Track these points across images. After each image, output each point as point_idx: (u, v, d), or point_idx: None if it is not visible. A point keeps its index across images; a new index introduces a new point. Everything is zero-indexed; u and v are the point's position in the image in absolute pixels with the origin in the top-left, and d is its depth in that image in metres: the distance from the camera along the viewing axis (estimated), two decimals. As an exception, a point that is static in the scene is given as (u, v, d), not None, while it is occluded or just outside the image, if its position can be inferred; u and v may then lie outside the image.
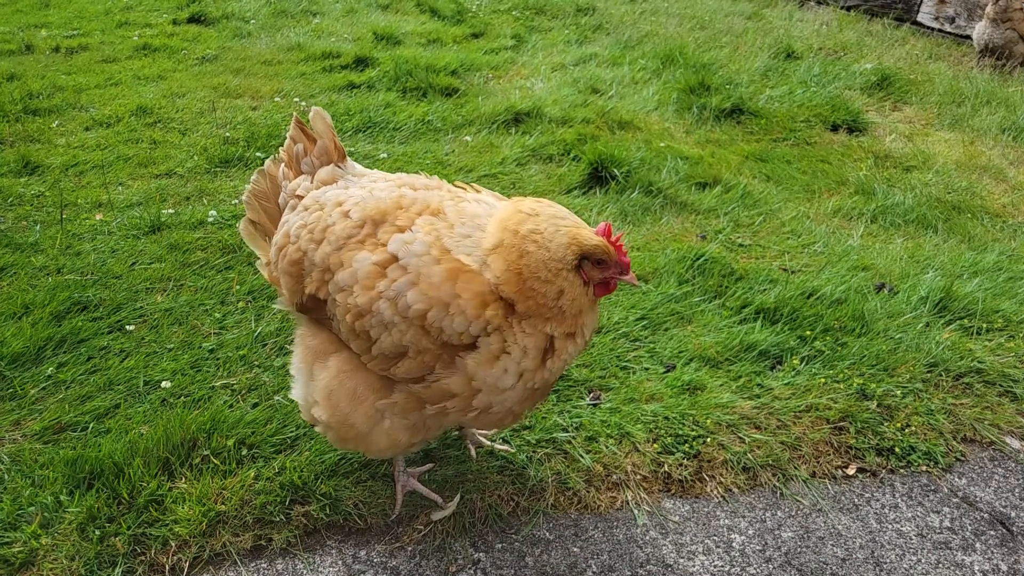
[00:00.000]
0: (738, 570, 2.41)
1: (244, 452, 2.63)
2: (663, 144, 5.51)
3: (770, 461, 2.80)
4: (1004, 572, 2.46)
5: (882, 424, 2.97)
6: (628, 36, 8.36)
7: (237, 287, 3.60)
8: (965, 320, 3.58)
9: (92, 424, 2.75)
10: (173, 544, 2.32)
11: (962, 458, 2.90)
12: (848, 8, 10.20)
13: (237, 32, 8.15)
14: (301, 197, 2.36)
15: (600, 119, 5.87)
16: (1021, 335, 3.51)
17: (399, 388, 2.16)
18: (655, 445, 2.81)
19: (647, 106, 6.34)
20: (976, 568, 2.46)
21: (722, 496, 2.68)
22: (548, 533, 2.51)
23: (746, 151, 5.62)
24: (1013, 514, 2.68)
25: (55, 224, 4.12)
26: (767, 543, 2.52)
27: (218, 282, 3.65)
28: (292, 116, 2.48)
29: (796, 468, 2.79)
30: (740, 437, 2.86)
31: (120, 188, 4.62)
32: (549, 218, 2.06)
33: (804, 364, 3.24)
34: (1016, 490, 2.78)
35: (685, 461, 2.76)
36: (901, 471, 2.83)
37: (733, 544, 2.51)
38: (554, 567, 2.39)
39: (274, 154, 2.54)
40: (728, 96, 6.32)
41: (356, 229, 2.15)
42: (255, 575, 2.30)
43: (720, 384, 3.11)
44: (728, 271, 3.85)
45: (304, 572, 2.32)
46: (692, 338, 3.37)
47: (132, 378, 2.99)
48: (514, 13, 9.46)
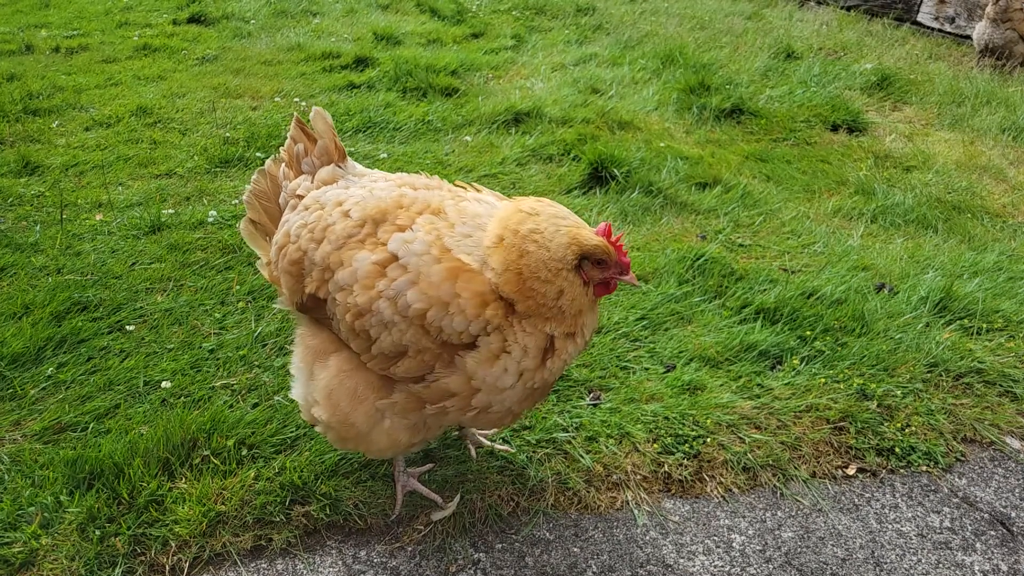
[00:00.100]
0: (738, 570, 2.41)
1: (244, 452, 2.63)
2: (663, 144, 5.51)
3: (770, 461, 2.80)
4: (1004, 572, 2.46)
5: (882, 424, 2.97)
6: (628, 36, 8.36)
7: (237, 287, 3.60)
8: (965, 320, 3.58)
9: (92, 424, 2.75)
10: (173, 544, 2.32)
11: (962, 458, 2.90)
12: (848, 8, 10.20)
13: (237, 32, 8.15)
14: (302, 197, 2.36)
15: (600, 119, 5.86)
16: (1021, 335, 3.51)
17: (399, 388, 2.16)
18: (655, 445, 2.80)
19: (647, 106, 6.34)
20: (976, 568, 2.46)
21: (722, 496, 2.68)
22: (548, 533, 2.51)
23: (746, 151, 5.62)
24: (1013, 514, 2.68)
25: (55, 224, 4.12)
26: (767, 543, 2.52)
27: (218, 282, 3.65)
28: (292, 116, 2.48)
29: (796, 468, 2.79)
30: (740, 437, 2.86)
31: (120, 188, 4.62)
32: (549, 218, 2.06)
33: (804, 364, 3.24)
34: (1016, 490, 2.78)
35: (685, 461, 2.76)
36: (901, 471, 2.83)
37: (733, 544, 2.51)
38: (554, 567, 2.39)
39: (275, 154, 2.54)
40: (728, 96, 6.32)
41: (356, 228, 2.15)
42: (255, 575, 2.31)
43: (720, 384, 3.11)
44: (728, 271, 3.85)
45: (304, 572, 2.32)
46: (692, 338, 3.37)
47: (132, 378, 2.99)
48: (514, 13, 9.46)
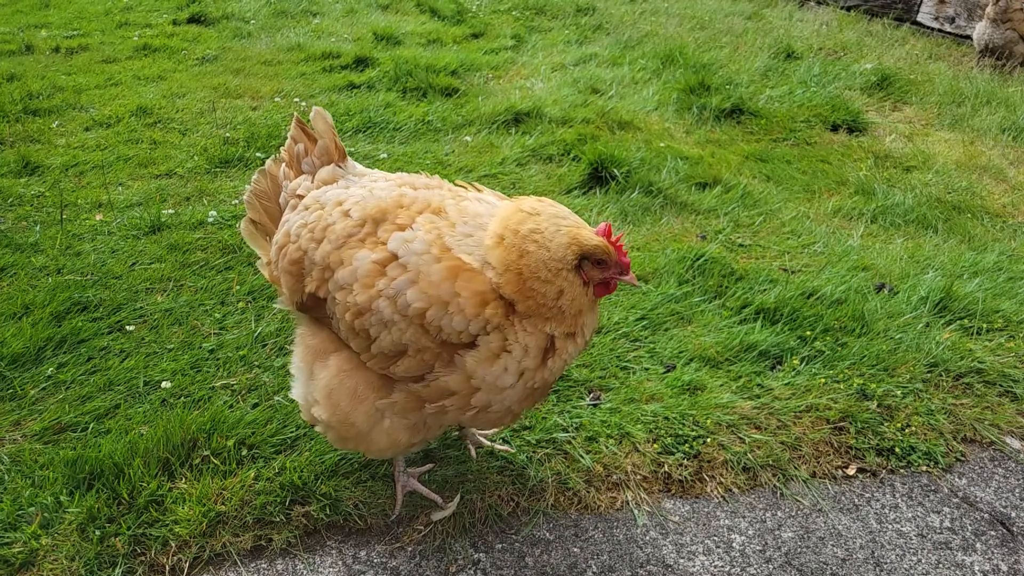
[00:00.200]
0: (738, 570, 2.41)
1: (244, 452, 2.63)
2: (663, 144, 5.51)
3: (770, 461, 2.80)
4: (1004, 572, 2.45)
5: (882, 424, 2.97)
6: (628, 36, 8.36)
7: (237, 287, 3.60)
8: (965, 320, 3.58)
9: (92, 424, 2.75)
10: (173, 544, 2.32)
11: (962, 458, 2.90)
12: (848, 8, 10.20)
13: (237, 32, 8.15)
14: (302, 196, 2.36)
15: (600, 119, 5.86)
16: (1021, 335, 3.51)
17: (399, 387, 2.16)
18: (655, 445, 2.80)
19: (647, 106, 6.33)
20: (976, 568, 2.46)
21: (722, 496, 2.68)
22: (548, 533, 2.51)
23: (746, 151, 5.62)
24: (1013, 514, 2.68)
25: (55, 224, 4.12)
26: (767, 543, 2.52)
27: (218, 282, 3.65)
28: (292, 116, 2.48)
29: (796, 468, 2.79)
30: (740, 437, 2.86)
31: (120, 188, 4.62)
32: (550, 218, 2.06)
33: (804, 364, 3.24)
34: (1016, 490, 2.78)
35: (685, 461, 2.76)
36: (901, 471, 2.83)
37: (733, 544, 2.51)
38: (554, 567, 2.39)
39: (275, 154, 2.54)
40: (728, 96, 6.32)
41: (356, 228, 2.15)
42: (255, 575, 2.30)
43: (720, 384, 3.11)
44: (728, 271, 3.85)
45: (304, 572, 2.32)
46: (692, 338, 3.37)
47: (132, 378, 2.99)
48: (514, 13, 9.46)
